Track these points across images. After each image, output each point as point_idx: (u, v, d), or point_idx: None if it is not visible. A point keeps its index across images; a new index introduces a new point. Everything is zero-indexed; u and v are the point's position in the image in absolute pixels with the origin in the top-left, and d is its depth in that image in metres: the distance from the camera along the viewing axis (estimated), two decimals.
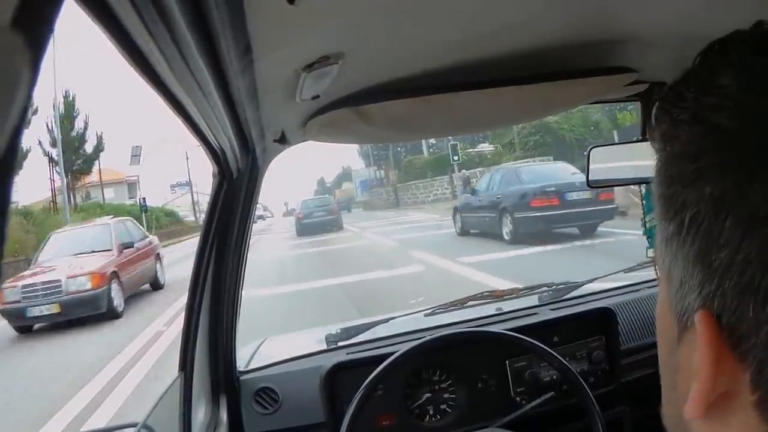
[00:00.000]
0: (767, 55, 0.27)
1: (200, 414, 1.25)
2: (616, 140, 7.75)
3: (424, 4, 0.66)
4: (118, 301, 8.69)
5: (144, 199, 25.05)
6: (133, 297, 9.49)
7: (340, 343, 1.56)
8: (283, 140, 1.19)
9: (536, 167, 12.26)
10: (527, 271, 6.91)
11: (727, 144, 0.27)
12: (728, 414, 0.28)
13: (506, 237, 10.12)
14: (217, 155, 1.02)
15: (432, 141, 28.82)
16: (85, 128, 23.83)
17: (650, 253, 1.64)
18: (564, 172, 10.35)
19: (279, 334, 2.10)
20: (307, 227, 19.61)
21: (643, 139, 1.35)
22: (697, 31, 0.86)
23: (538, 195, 9.67)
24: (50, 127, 21.83)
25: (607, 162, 1.40)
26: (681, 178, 0.28)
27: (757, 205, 0.25)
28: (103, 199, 28.71)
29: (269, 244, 17.62)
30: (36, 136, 21.70)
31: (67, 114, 23.08)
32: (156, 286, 10.62)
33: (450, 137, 16.92)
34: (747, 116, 0.26)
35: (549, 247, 8.93)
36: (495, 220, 10.47)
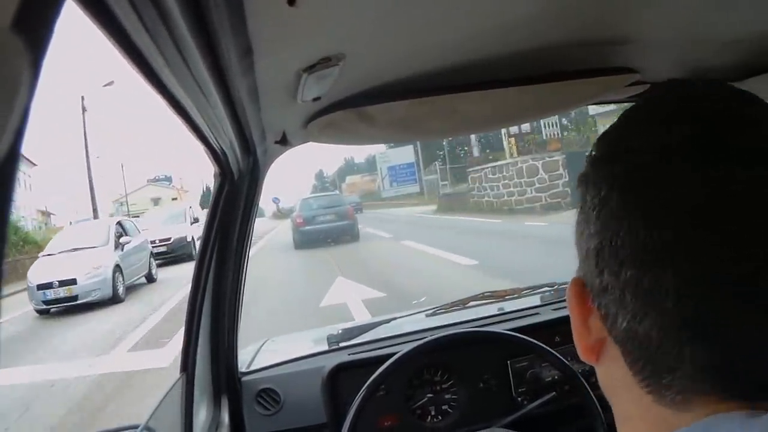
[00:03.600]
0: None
1: (202, 415, 1.25)
2: None
3: (425, 6, 0.66)
4: None
5: None
6: None
7: (342, 344, 1.56)
8: (284, 141, 1.18)
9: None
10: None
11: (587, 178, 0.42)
12: (606, 357, 0.41)
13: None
14: (218, 156, 1.03)
15: None
16: None
17: None
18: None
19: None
20: (309, 236, 14.37)
21: None
22: (698, 32, 0.86)
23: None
24: None
25: None
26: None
27: (588, 221, 0.40)
28: None
29: None
30: None
31: None
32: None
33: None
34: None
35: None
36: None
